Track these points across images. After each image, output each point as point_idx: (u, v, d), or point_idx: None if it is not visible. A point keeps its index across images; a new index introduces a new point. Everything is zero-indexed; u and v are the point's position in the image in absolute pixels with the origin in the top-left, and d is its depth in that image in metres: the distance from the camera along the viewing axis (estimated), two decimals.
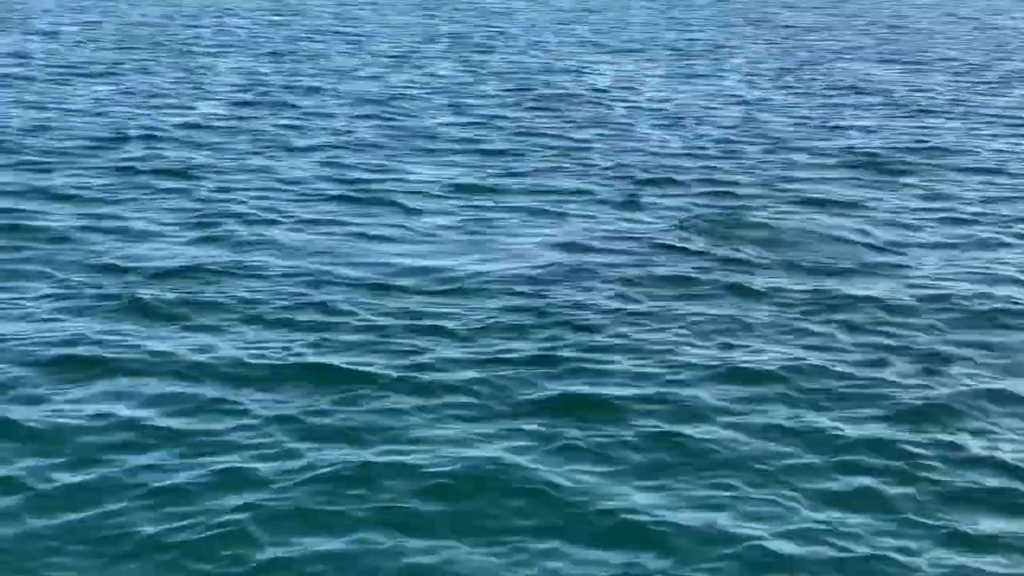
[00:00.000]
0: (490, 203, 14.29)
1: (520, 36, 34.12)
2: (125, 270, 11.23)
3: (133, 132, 17.71)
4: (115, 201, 13.82)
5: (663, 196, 14.89)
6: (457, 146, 17.66)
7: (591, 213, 13.96)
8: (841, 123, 20.99)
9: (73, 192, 14.11)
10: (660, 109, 21.74)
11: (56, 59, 25.33)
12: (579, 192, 14.96)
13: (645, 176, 15.96)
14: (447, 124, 19.40)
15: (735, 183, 15.82)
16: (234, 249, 12.10)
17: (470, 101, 21.86)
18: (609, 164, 16.75)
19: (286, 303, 10.38)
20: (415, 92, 22.68)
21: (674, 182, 15.68)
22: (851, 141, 19.27)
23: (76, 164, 15.65)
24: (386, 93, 22.41)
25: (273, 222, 13.13)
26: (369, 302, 10.49)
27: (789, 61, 29.96)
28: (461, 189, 14.99)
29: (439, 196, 14.59)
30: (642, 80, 25.60)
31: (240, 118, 19.28)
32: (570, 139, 18.53)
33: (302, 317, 10.04)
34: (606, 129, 19.58)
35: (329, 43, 29.30)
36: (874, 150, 18.44)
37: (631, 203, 14.46)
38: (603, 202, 14.53)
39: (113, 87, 22.02)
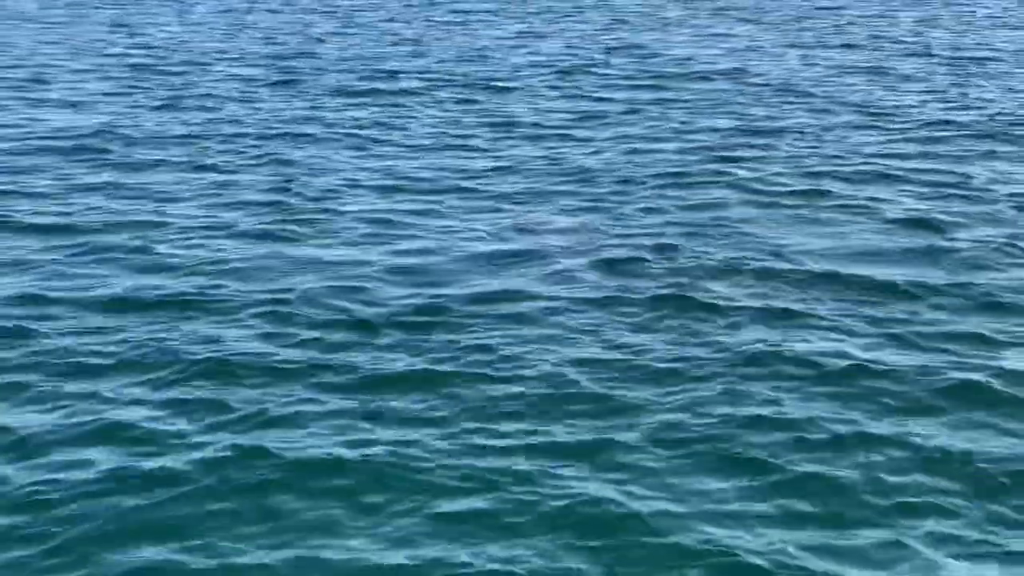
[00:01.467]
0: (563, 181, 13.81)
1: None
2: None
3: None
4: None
5: (746, 174, 14.07)
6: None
7: (661, 193, 13.30)
8: (967, 93, 19.60)
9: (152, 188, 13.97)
10: (766, 84, 20.71)
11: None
12: (658, 174, 14.24)
13: (729, 154, 15.18)
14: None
15: (827, 160, 14.88)
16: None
17: (563, 81, 21.24)
18: (697, 140, 15.99)
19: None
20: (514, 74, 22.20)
21: (761, 158, 14.85)
22: (970, 114, 17.91)
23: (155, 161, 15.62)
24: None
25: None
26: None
27: (912, 27, 28.42)
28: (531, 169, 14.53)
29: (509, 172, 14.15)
30: (750, 52, 24.57)
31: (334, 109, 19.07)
32: (667, 116, 17.79)
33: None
34: (702, 103, 18.79)
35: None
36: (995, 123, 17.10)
37: (708, 183, 13.72)
38: (678, 183, 13.81)
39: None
